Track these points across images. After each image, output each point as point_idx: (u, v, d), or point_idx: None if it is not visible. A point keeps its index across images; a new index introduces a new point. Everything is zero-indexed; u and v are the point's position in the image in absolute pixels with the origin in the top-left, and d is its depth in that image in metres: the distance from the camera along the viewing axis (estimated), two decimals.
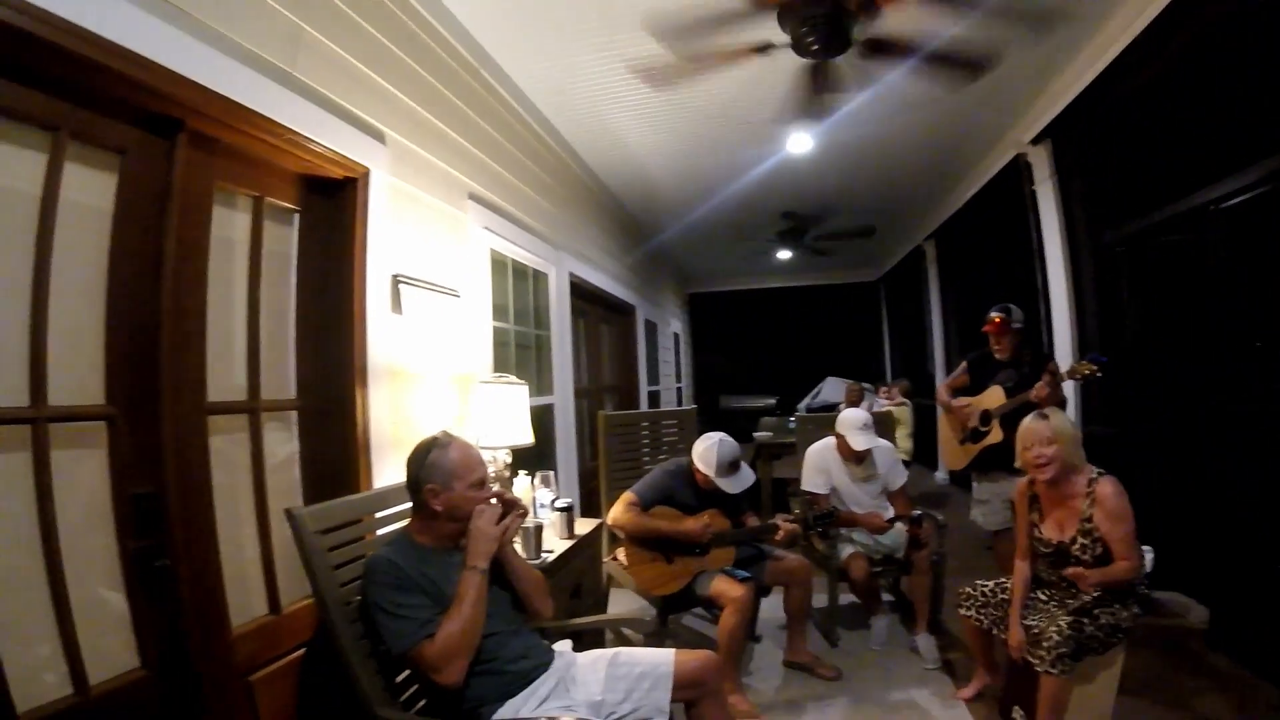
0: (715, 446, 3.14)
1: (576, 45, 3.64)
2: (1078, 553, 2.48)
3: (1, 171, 1.48)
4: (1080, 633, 2.33)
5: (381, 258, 2.59)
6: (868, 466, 3.74)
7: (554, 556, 2.80)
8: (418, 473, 1.89)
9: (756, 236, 8.69)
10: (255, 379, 2.17)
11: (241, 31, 1.96)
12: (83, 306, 1.66)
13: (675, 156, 5.53)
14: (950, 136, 5.39)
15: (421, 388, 2.88)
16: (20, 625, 1.45)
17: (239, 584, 2.04)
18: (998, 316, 3.74)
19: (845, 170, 6.10)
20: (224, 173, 2.03)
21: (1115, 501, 2.43)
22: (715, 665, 2.12)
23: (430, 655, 1.68)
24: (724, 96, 4.30)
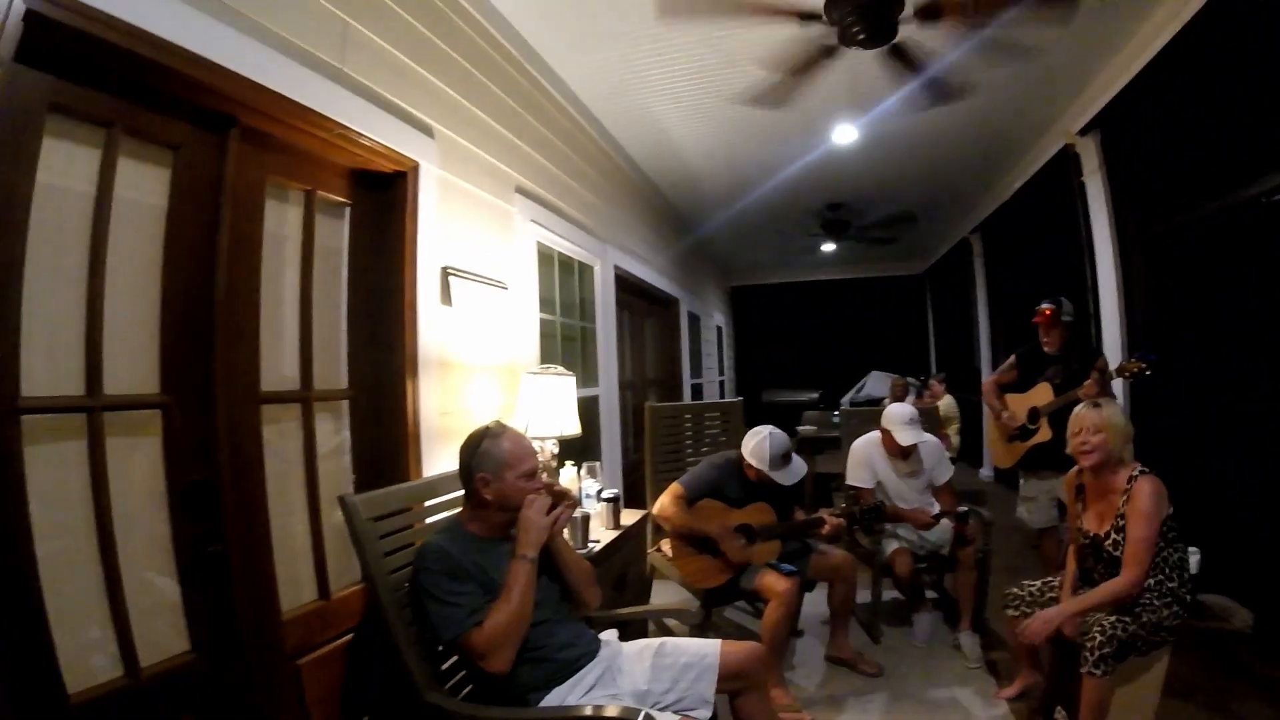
0: (766, 440, 3.07)
1: (619, 38, 3.58)
2: (1109, 548, 2.41)
3: (58, 169, 1.48)
4: (1123, 632, 2.24)
5: (431, 250, 2.58)
6: (913, 462, 3.61)
7: (600, 546, 2.79)
8: (469, 462, 1.87)
9: (799, 229, 8.53)
10: (307, 369, 2.18)
11: (291, 28, 1.95)
12: (138, 298, 1.67)
13: (718, 147, 5.42)
14: (997, 127, 5.19)
15: (470, 378, 2.87)
16: (74, 609, 1.46)
17: (290, 570, 2.05)
18: (1048, 308, 3.61)
19: (890, 162, 5.91)
20: (276, 167, 2.03)
21: (1145, 501, 2.33)
22: (760, 657, 2.08)
23: (478, 643, 1.67)
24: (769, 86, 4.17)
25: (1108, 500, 2.47)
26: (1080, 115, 4.60)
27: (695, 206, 7.31)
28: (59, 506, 1.46)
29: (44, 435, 1.45)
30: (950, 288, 10.12)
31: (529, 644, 1.77)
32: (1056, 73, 4.17)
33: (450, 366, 2.70)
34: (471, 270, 2.88)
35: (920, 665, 3.27)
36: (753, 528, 3.10)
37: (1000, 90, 4.35)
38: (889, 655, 3.36)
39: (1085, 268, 4.84)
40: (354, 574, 2.27)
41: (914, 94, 4.25)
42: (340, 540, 2.18)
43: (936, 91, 4.20)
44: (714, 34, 3.51)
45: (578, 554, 2.15)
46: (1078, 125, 4.63)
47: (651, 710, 1.80)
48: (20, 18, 1.26)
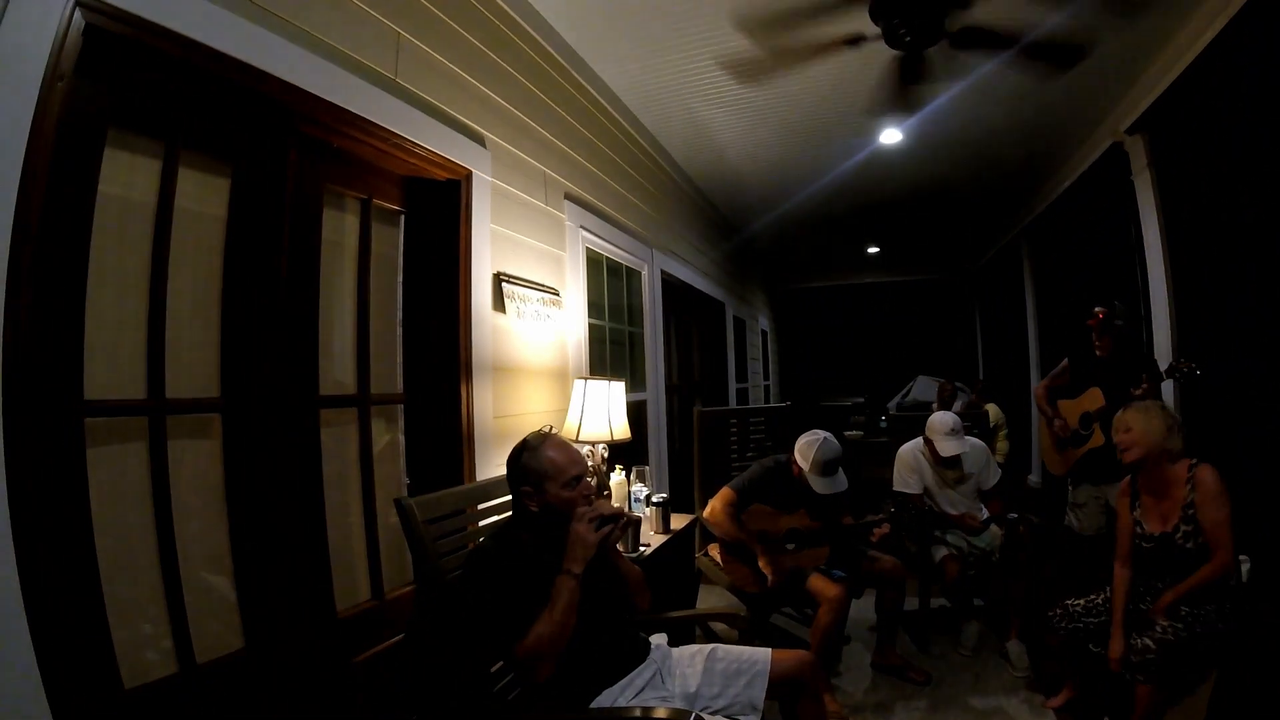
0: (819, 444, 2.95)
1: (663, 42, 3.50)
2: (1180, 541, 2.30)
3: (120, 180, 1.47)
4: (1175, 640, 2.14)
5: (484, 257, 2.54)
6: (959, 467, 3.46)
7: (650, 550, 2.73)
8: (512, 474, 1.83)
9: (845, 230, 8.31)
10: (364, 373, 2.17)
11: (346, 40, 1.93)
12: (199, 305, 1.66)
13: (763, 150, 5.28)
14: (1043, 126, 4.93)
15: (523, 382, 2.83)
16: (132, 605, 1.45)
17: (345, 570, 2.03)
18: (1101, 311, 3.47)
19: (937, 162, 5.70)
20: (333, 176, 2.02)
21: (1215, 484, 2.27)
22: (811, 665, 2.01)
23: (520, 655, 1.61)
24: (813, 88, 4.06)
25: (1170, 497, 2.37)
26: (1128, 114, 4.35)
27: (740, 210, 7.17)
28: (120, 505, 1.46)
29: (107, 437, 1.44)
30: (998, 290, 9.77)
31: (579, 646, 1.71)
32: (1102, 71, 3.95)
33: (503, 371, 2.67)
34: (523, 277, 2.85)
35: (967, 674, 3.14)
36: (801, 532, 2.99)
37: (1045, 90, 4.15)
38: (936, 663, 3.23)
39: (1136, 270, 4.60)
40: (407, 575, 2.24)
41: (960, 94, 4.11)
42: (394, 542, 2.16)
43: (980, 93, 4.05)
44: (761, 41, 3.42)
45: (629, 561, 2.08)
46: (1125, 124, 4.39)
47: (701, 712, 1.74)
48: (80, 32, 1.25)
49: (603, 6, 3.13)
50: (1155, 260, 4.32)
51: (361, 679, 1.95)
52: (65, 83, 1.23)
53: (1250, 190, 3.43)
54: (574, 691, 1.75)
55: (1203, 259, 3.95)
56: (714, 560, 3.13)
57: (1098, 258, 5.66)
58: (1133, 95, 4.23)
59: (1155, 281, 4.33)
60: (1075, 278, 6.36)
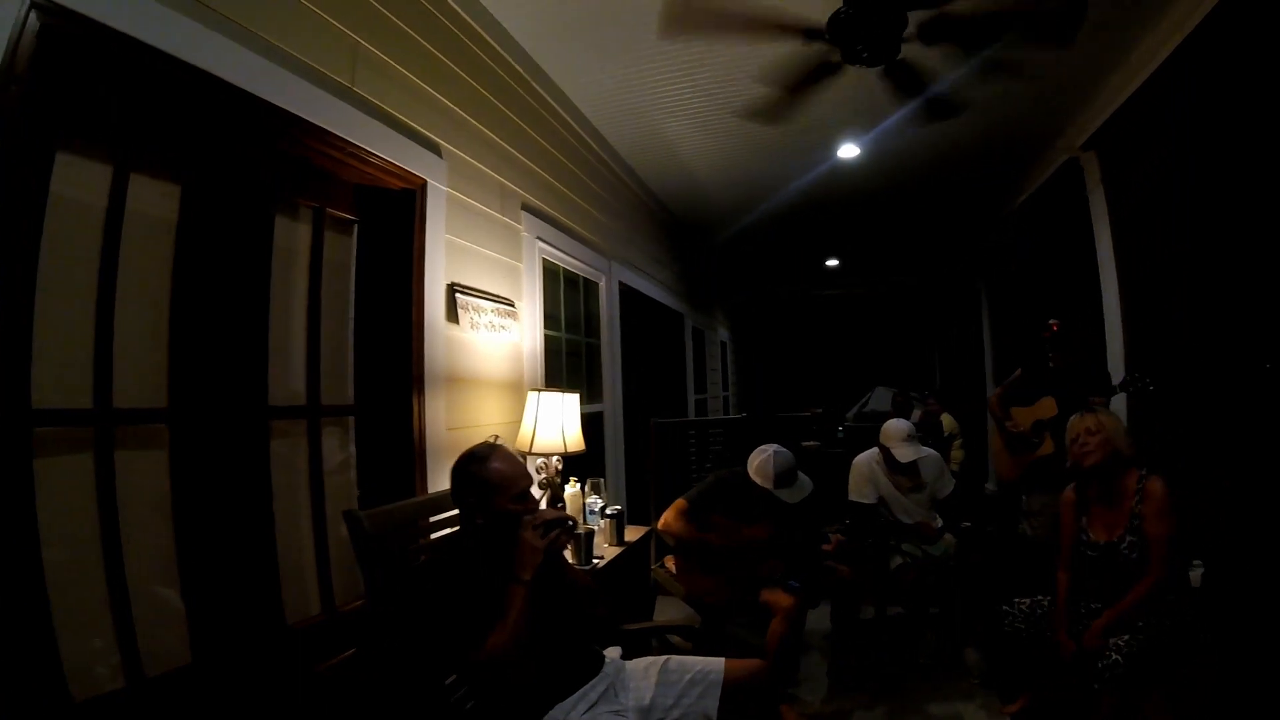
0: (770, 458, 3.05)
1: (623, 54, 3.60)
2: (1126, 551, 2.40)
3: (70, 182, 1.49)
4: (1138, 650, 2.23)
5: (438, 267, 2.58)
6: (914, 476, 3.60)
7: (603, 563, 2.78)
8: (458, 487, 1.85)
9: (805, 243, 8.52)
10: (315, 384, 2.19)
11: (302, 48, 1.97)
12: (148, 312, 1.67)
13: (724, 164, 5.43)
14: (1001, 142, 5.17)
15: (476, 394, 2.87)
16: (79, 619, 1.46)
17: (295, 582, 2.05)
18: (1055, 324, 3.67)
19: (897, 175, 5.90)
20: (286, 184, 2.05)
21: (1164, 500, 2.35)
22: (765, 673, 2.09)
23: (476, 665, 1.65)
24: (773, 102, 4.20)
25: (1118, 507, 2.46)
26: (1083, 130, 4.60)
27: (701, 222, 7.33)
28: (67, 517, 1.46)
29: (54, 447, 1.45)
30: (956, 301, 10.12)
31: (531, 661, 1.76)
32: (1059, 88, 4.18)
33: (456, 382, 2.70)
34: (478, 287, 2.89)
35: (925, 681, 3.27)
36: (757, 544, 3.08)
37: (1003, 106, 4.36)
38: (893, 671, 3.34)
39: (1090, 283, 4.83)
40: (359, 588, 2.25)
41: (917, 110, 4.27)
42: (345, 554, 2.17)
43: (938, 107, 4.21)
44: (718, 52, 3.53)
45: (579, 571, 2.13)
46: (1080, 140, 4.63)
47: None
48: (35, 34, 1.27)
49: (564, 18, 3.20)
50: (1108, 274, 4.56)
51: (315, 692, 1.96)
52: (19, 86, 1.26)
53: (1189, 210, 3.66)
54: (527, 706, 1.78)
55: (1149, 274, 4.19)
56: (669, 571, 3.20)
57: (1054, 270, 5.91)
58: (1089, 112, 4.48)
59: (1108, 294, 4.57)
60: (1032, 290, 6.63)
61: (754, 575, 3.02)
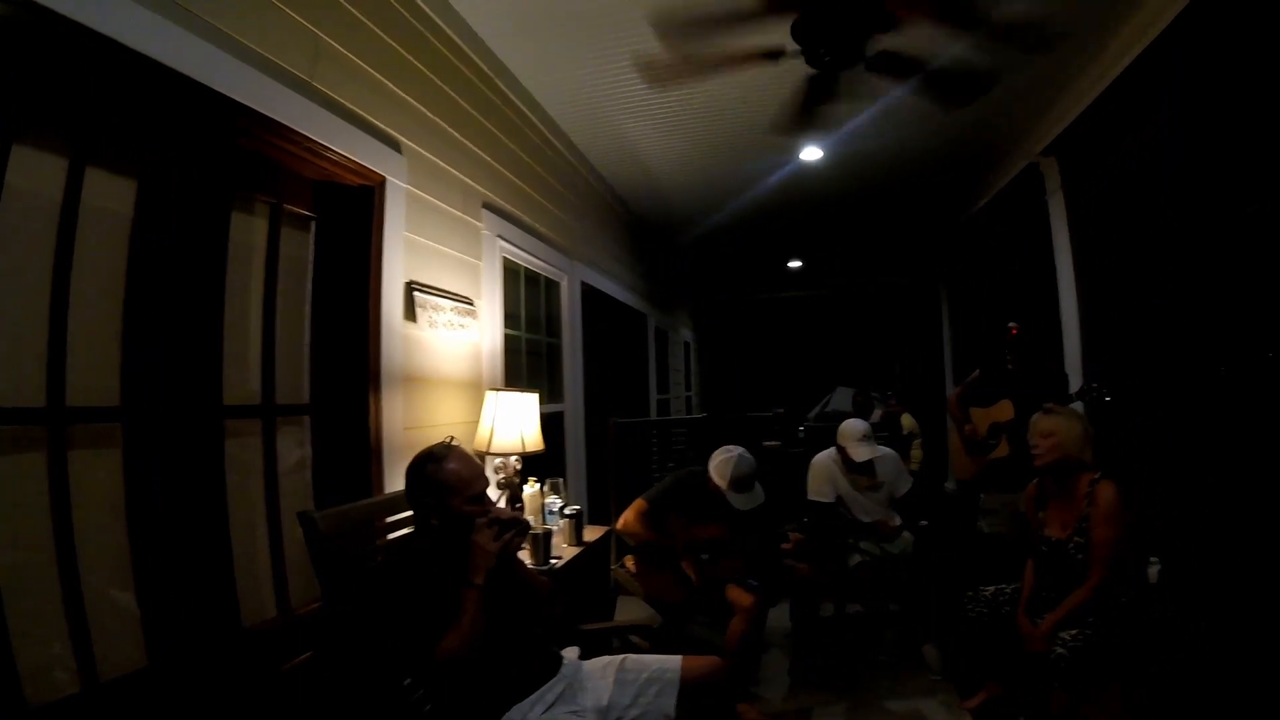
0: (734, 461, 3.12)
1: (588, 54, 3.64)
2: (1072, 551, 2.51)
3: (25, 175, 1.48)
4: (1087, 646, 2.32)
5: (396, 265, 2.60)
6: (872, 475, 3.71)
7: (562, 563, 2.81)
8: (414, 487, 1.87)
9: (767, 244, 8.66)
10: (270, 383, 2.19)
11: (262, 41, 1.98)
12: (101, 308, 1.67)
13: (688, 164, 5.51)
14: (963, 146, 5.35)
15: (434, 393, 2.89)
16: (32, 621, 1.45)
17: (251, 586, 2.05)
18: (1014, 327, 3.79)
19: (858, 179, 6.06)
20: (243, 179, 2.06)
21: (1109, 504, 2.45)
22: (723, 671, 2.13)
23: (431, 667, 1.68)
24: (738, 105, 4.29)
25: (1069, 505, 2.57)
26: (1044, 136, 4.77)
27: (665, 223, 7.41)
28: (18, 518, 1.46)
29: (5, 446, 1.45)
30: (917, 302, 10.37)
31: (487, 662, 1.78)
32: (1021, 94, 4.33)
33: (414, 381, 2.72)
34: (437, 286, 2.91)
35: (884, 678, 3.37)
36: (716, 543, 3.15)
37: (965, 111, 4.49)
38: (853, 668, 3.43)
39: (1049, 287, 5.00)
40: (315, 591, 2.26)
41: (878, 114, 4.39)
42: (301, 556, 2.17)
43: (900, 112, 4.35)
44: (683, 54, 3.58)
45: (535, 572, 2.16)
46: (1041, 146, 4.80)
47: None
48: None
49: (530, 16, 3.23)
50: (1065, 278, 4.74)
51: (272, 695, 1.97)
52: None
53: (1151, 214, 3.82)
54: (484, 707, 1.80)
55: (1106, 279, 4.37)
56: (629, 571, 3.25)
57: (1014, 274, 6.11)
58: (1050, 118, 4.65)
59: (1066, 298, 4.75)
60: (992, 293, 6.83)
61: (713, 574, 3.08)
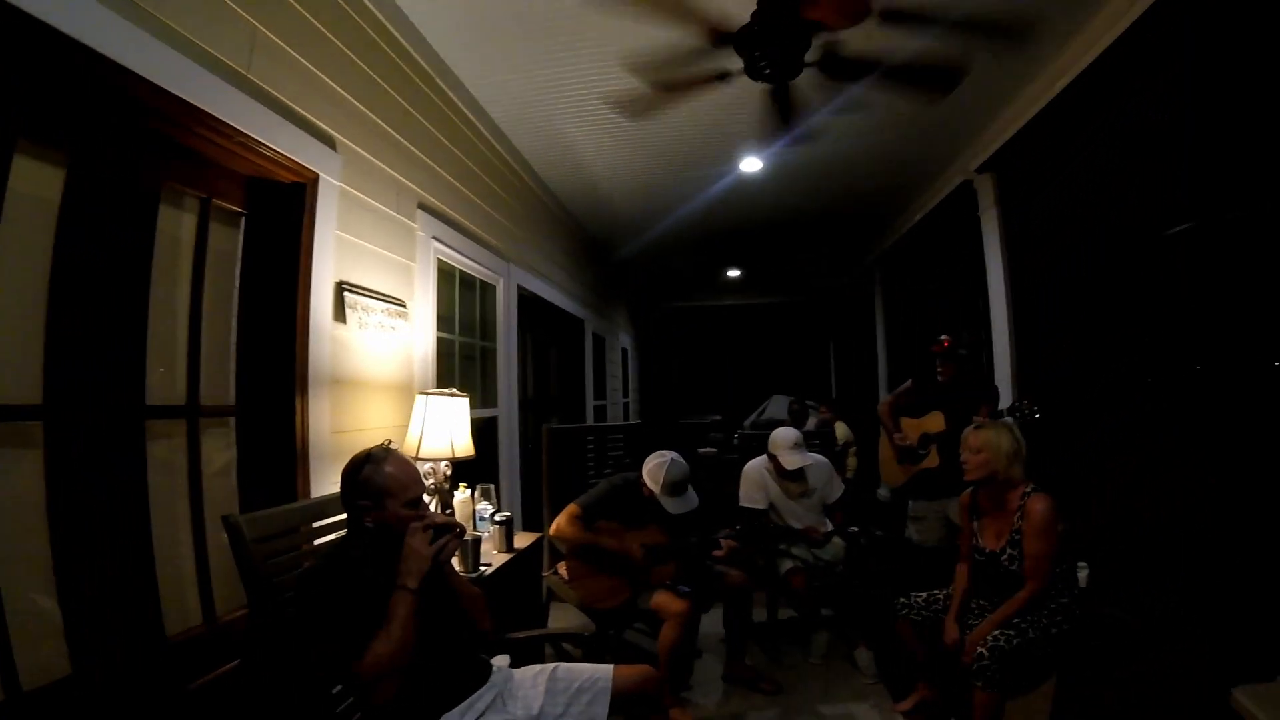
0: (666, 465, 3.20)
1: (534, 60, 3.70)
2: (1005, 563, 2.63)
3: None
4: (1007, 644, 2.44)
5: (327, 265, 2.60)
6: (803, 482, 3.86)
7: (491, 570, 2.82)
8: (350, 488, 1.87)
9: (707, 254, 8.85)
10: (195, 383, 2.17)
11: (199, 31, 1.98)
12: (24, 301, 1.65)
13: (630, 173, 5.63)
14: (900, 161, 5.60)
15: (363, 396, 2.89)
16: None
17: (175, 592, 2.03)
18: (946, 339, 3.88)
19: (796, 190, 6.27)
20: (173, 172, 2.05)
21: (1041, 518, 2.55)
22: (654, 679, 2.17)
23: (360, 675, 1.68)
24: (679, 116, 4.40)
25: (1003, 516, 2.70)
26: (978, 155, 5.05)
27: (605, 229, 7.52)
28: None
29: None
30: (853, 314, 10.71)
31: (417, 670, 1.80)
32: (957, 112, 4.55)
33: (343, 384, 2.72)
34: (368, 287, 2.92)
35: (818, 682, 3.46)
36: (648, 548, 3.22)
37: (903, 127, 4.73)
38: (787, 673, 3.54)
39: (980, 300, 5.27)
40: (242, 598, 2.24)
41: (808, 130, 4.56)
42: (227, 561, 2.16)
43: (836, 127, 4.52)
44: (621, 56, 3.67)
45: (465, 580, 2.17)
46: (976, 163, 5.08)
47: None
48: None
49: (477, 17, 3.27)
50: (997, 292, 5.02)
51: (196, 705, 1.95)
52: None
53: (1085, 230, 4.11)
54: (413, 716, 1.82)
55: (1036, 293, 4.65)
56: (563, 578, 3.30)
57: (947, 287, 6.41)
58: (986, 136, 4.92)
59: (997, 312, 5.02)
60: (925, 305, 7.14)
61: (645, 581, 3.15)
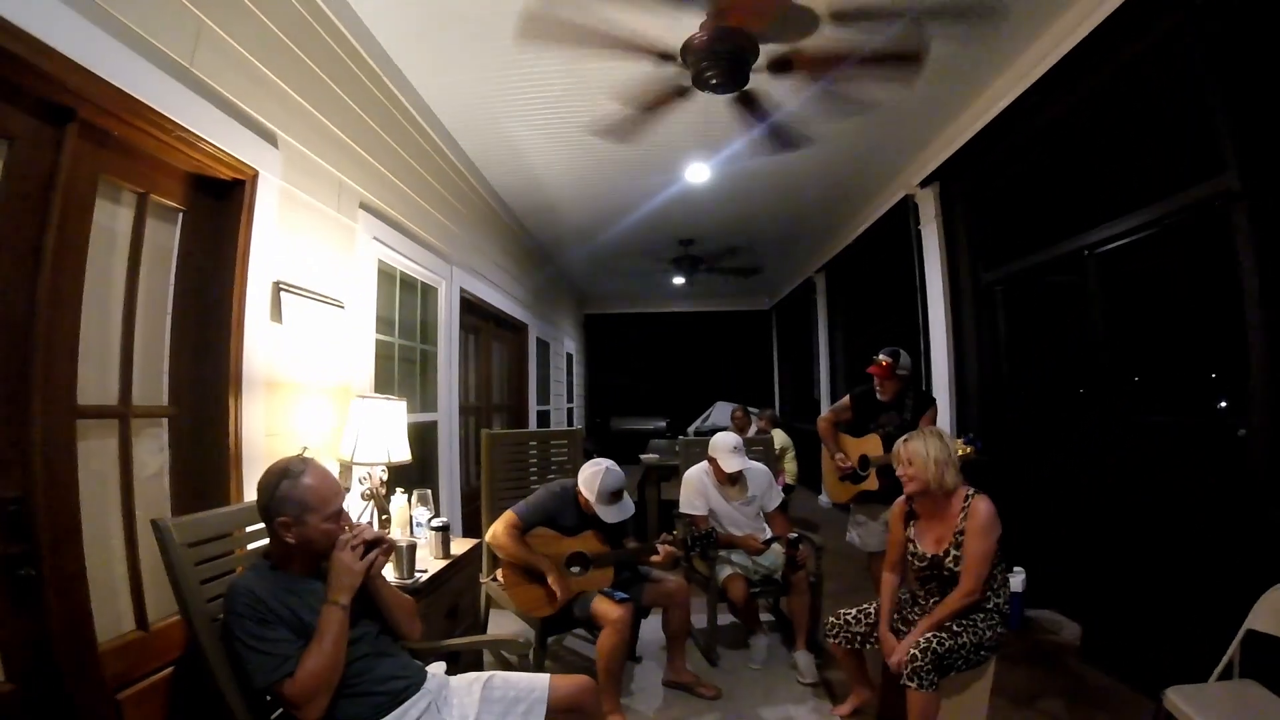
0: (601, 474, 3.28)
1: (483, 64, 3.76)
2: (950, 564, 2.74)
3: None
4: (939, 646, 2.54)
5: (264, 263, 2.61)
6: (743, 488, 4.00)
7: (427, 577, 2.83)
8: (268, 504, 1.86)
9: (654, 261, 9.02)
10: (127, 383, 2.16)
11: (143, 22, 1.99)
12: None
13: (576, 178, 5.74)
14: (844, 174, 5.83)
15: (298, 399, 2.89)
16: None
17: (107, 598, 2.02)
18: (885, 360, 3.88)
19: (743, 200, 6.48)
20: (110, 166, 2.04)
21: (983, 519, 2.68)
22: (591, 689, 2.22)
23: (290, 693, 1.69)
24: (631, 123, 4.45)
25: (944, 520, 2.80)
26: (922, 169, 5.29)
27: (551, 233, 7.62)
28: None
29: None
30: (796, 323, 11.00)
31: (351, 677, 1.83)
32: (902, 126, 4.77)
33: (277, 386, 2.72)
34: (306, 286, 2.92)
35: (758, 686, 3.55)
36: (586, 555, 3.30)
37: (847, 140, 4.93)
38: (727, 678, 3.62)
39: (920, 311, 5.49)
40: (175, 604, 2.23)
41: (762, 139, 4.71)
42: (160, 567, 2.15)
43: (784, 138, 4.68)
44: (573, 66, 3.77)
45: (396, 590, 2.19)
46: (919, 177, 5.34)
47: None
48: None
49: (426, 16, 3.31)
50: (936, 304, 5.28)
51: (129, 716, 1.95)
52: None
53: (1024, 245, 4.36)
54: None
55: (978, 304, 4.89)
56: (501, 584, 3.33)
57: (888, 298, 6.70)
58: (928, 152, 5.16)
59: (936, 323, 5.26)
60: (867, 315, 7.43)
61: (583, 587, 3.22)
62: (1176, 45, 3.09)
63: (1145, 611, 3.32)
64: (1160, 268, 3.52)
